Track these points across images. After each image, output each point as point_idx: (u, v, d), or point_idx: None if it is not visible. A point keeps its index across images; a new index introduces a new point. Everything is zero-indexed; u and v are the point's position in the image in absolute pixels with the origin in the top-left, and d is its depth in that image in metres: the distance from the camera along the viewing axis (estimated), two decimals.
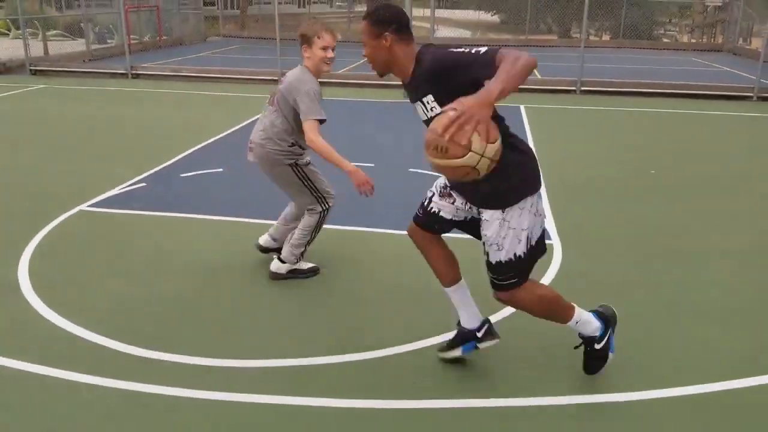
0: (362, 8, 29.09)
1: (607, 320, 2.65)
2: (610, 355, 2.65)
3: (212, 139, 7.09)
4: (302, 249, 3.71)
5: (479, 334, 2.75)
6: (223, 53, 17.04)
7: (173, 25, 19.29)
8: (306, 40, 3.32)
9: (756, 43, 19.41)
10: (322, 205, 3.64)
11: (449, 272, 2.74)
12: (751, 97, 10.80)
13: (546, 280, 3.71)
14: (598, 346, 2.61)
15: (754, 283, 3.79)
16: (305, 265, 3.80)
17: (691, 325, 3.29)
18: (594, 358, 2.64)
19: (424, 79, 2.34)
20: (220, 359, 2.90)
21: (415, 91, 2.43)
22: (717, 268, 4.00)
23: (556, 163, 6.16)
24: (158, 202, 5.00)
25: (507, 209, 2.39)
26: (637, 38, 21.90)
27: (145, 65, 12.84)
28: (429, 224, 2.69)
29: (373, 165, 6.15)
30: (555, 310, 2.57)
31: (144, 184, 5.45)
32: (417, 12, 13.19)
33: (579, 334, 2.64)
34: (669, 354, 3.01)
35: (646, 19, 23.84)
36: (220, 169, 5.91)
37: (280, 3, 28.98)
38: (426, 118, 2.42)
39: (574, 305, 2.59)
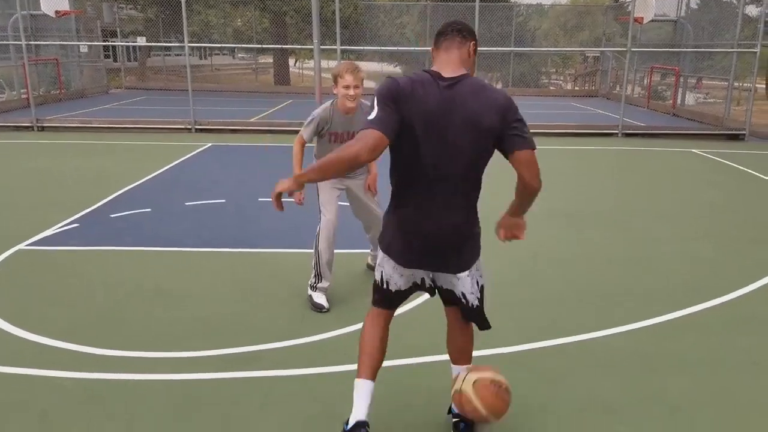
0: (267, 59, 29.94)
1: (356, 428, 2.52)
2: None
3: (134, 184, 7.45)
4: (312, 274, 4.09)
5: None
6: (130, 105, 17.18)
7: (73, 77, 19.19)
8: (333, 80, 3.91)
9: (629, 89, 22.07)
10: (320, 220, 4.11)
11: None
12: (617, 133, 12.45)
13: None
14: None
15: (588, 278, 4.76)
16: (316, 297, 4.09)
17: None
18: None
19: None
20: (177, 351, 3.41)
21: None
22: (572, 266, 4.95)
23: None
24: (94, 239, 5.37)
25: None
26: (525, 86, 24.08)
27: (50, 117, 12.86)
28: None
29: (294, 200, 6.79)
30: (360, 353, 2.60)
31: (77, 224, 5.79)
32: (325, 63, 14.06)
33: None
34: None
35: (532, 69, 26.30)
36: (148, 209, 6.33)
37: (179, 55, 29.24)
38: None
39: (366, 381, 2.53)
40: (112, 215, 6.11)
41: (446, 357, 2.82)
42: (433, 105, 2.24)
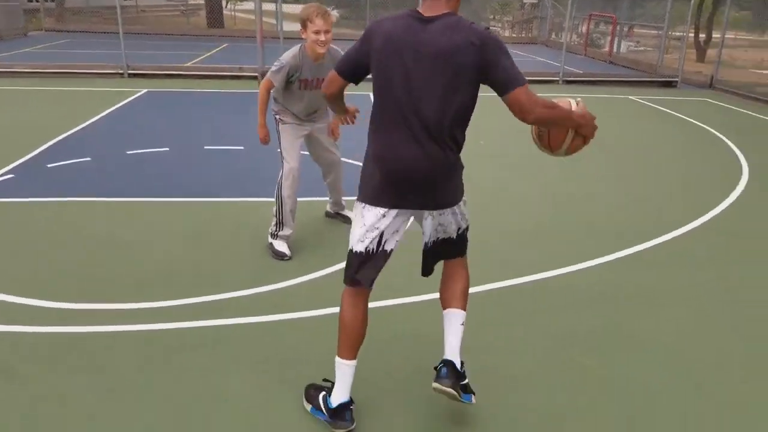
0: (197, 1, 28.49)
1: (333, 415, 2.46)
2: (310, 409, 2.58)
3: (69, 133, 7.05)
4: (273, 222, 4.01)
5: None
6: (52, 48, 16.09)
7: None
8: (302, 24, 3.65)
9: (574, 37, 22.57)
10: (281, 167, 3.96)
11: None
12: (558, 80, 12.64)
13: None
14: (321, 395, 2.54)
15: (531, 214, 4.91)
16: (278, 246, 4.01)
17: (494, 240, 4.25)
18: (319, 389, 2.58)
19: None
20: (151, 301, 3.32)
21: None
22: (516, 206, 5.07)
23: None
24: (33, 190, 5.09)
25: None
26: None
27: None
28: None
29: (242, 148, 6.62)
30: (340, 333, 2.46)
31: (12, 175, 5.45)
32: (266, 6, 13.53)
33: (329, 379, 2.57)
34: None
35: (472, 15, 26.15)
36: (88, 159, 6.02)
37: None
38: None
39: (351, 362, 2.44)
40: (49, 165, 5.78)
41: (421, 298, 2.86)
42: (402, 41, 2.21)
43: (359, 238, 2.37)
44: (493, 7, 30.99)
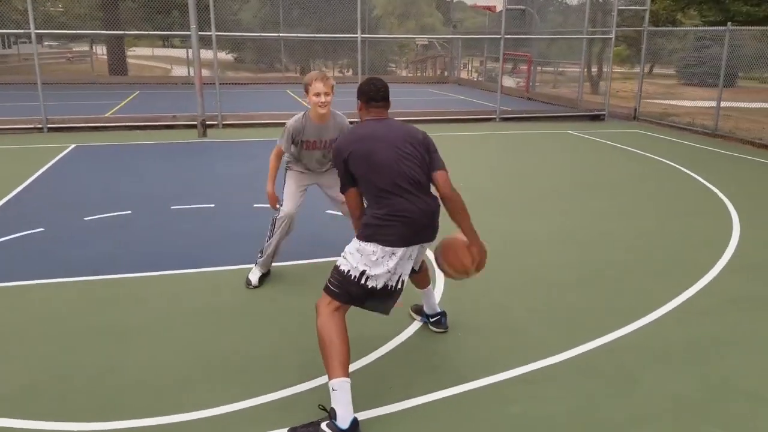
0: (83, 47, 27.05)
1: None
2: None
3: (5, 199, 6.15)
4: (261, 254, 4.19)
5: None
6: None
7: None
8: (305, 89, 3.84)
9: (464, 74, 23.61)
10: (279, 209, 4.10)
11: None
12: (495, 118, 12.84)
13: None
14: (323, 424, 2.57)
15: (568, 256, 4.72)
16: (253, 271, 4.20)
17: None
18: (312, 425, 2.61)
19: None
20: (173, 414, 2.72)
21: None
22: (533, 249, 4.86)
23: None
24: None
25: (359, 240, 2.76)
26: (375, 73, 24.25)
27: None
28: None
29: (213, 205, 6.02)
30: (325, 354, 2.61)
31: None
32: (161, 51, 12.79)
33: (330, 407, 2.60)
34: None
35: (377, 56, 26.54)
36: (41, 229, 5.21)
37: None
38: None
39: (348, 380, 2.57)
40: None
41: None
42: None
43: (384, 279, 2.72)
44: (393, 50, 31.76)
